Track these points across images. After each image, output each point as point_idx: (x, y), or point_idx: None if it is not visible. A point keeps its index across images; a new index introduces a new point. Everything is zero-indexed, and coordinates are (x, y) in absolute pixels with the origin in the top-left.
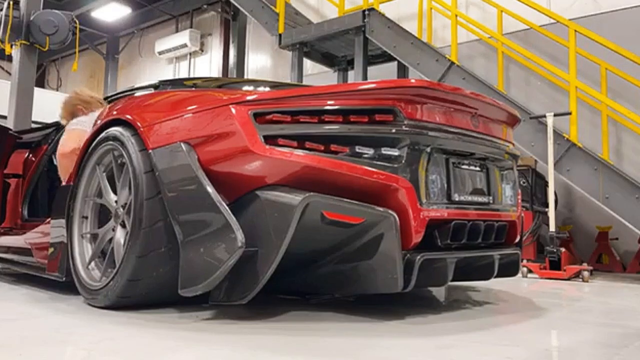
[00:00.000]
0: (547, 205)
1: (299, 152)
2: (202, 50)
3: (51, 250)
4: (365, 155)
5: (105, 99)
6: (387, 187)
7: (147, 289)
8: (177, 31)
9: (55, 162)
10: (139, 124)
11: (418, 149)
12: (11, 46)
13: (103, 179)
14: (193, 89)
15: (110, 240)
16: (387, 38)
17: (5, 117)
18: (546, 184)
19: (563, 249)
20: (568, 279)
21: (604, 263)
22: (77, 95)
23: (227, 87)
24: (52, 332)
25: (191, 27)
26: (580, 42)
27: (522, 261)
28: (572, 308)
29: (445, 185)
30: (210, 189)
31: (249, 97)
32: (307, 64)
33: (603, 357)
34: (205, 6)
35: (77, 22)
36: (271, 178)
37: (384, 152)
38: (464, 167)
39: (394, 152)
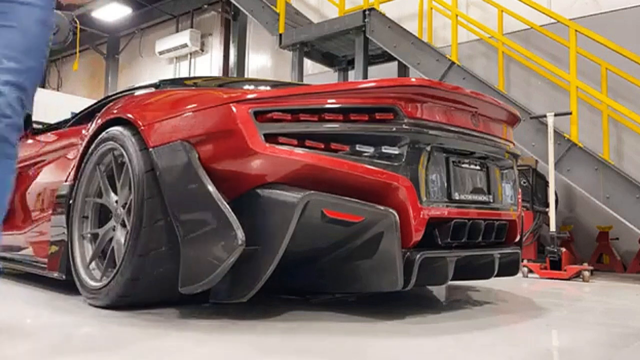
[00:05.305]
0: (547, 205)
1: (300, 150)
2: (203, 50)
3: (51, 249)
4: (366, 154)
5: (105, 98)
6: (388, 186)
7: (148, 289)
8: (177, 31)
9: None
10: (139, 122)
11: (418, 147)
12: None
13: (103, 179)
14: (193, 88)
15: (111, 240)
16: (388, 38)
17: None
18: (547, 184)
19: (564, 249)
20: (568, 279)
21: (605, 263)
22: None
23: (227, 86)
24: (52, 331)
25: (191, 27)
26: (581, 42)
27: (522, 261)
28: (573, 308)
29: (446, 184)
30: (210, 187)
31: (249, 96)
32: (308, 63)
33: (604, 357)
34: (205, 6)
35: (78, 22)
36: (271, 176)
37: (384, 150)
38: (464, 166)
39: (395, 151)
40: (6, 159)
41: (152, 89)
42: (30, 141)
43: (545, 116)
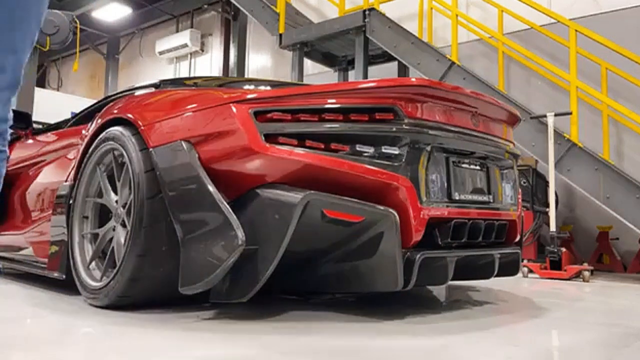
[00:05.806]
0: (547, 205)
1: (300, 150)
2: (203, 50)
3: (51, 249)
4: (366, 154)
5: (105, 98)
6: (388, 186)
7: (148, 289)
8: (177, 31)
9: None
10: (139, 122)
11: (418, 147)
12: None
13: (103, 179)
14: (193, 88)
15: (111, 240)
16: (388, 38)
17: None
18: (547, 184)
19: (564, 249)
20: (569, 279)
21: (605, 263)
22: None
23: (227, 86)
24: (53, 331)
25: (192, 27)
26: (581, 42)
27: (522, 261)
28: (573, 308)
29: (446, 184)
30: (211, 187)
31: (249, 96)
32: (308, 63)
33: (604, 357)
34: (205, 6)
35: (78, 22)
36: (272, 176)
37: (384, 150)
38: (464, 166)
39: (395, 151)
40: None
41: (152, 89)
42: (30, 141)
43: (545, 116)
